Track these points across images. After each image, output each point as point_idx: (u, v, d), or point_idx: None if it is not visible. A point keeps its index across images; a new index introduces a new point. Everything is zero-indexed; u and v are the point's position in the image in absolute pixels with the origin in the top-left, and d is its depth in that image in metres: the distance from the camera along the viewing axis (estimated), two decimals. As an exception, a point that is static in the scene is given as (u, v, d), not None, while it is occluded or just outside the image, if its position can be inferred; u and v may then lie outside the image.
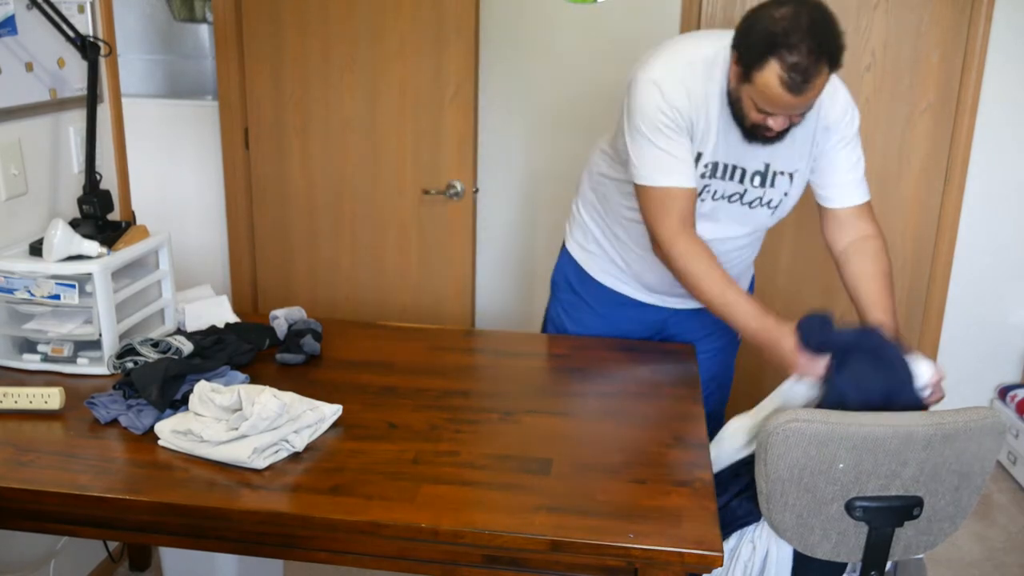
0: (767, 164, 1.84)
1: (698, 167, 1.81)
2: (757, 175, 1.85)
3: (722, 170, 1.84)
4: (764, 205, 1.89)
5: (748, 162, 1.83)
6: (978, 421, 1.44)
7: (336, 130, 3.19)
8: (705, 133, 1.79)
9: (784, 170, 1.86)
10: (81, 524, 1.47)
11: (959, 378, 3.28)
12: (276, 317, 1.99)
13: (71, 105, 2.14)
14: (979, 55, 2.94)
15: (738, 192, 1.86)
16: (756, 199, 1.88)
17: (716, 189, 1.85)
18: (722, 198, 1.87)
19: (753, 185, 1.86)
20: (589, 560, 1.33)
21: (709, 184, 1.84)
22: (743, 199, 1.88)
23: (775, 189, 1.87)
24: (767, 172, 1.85)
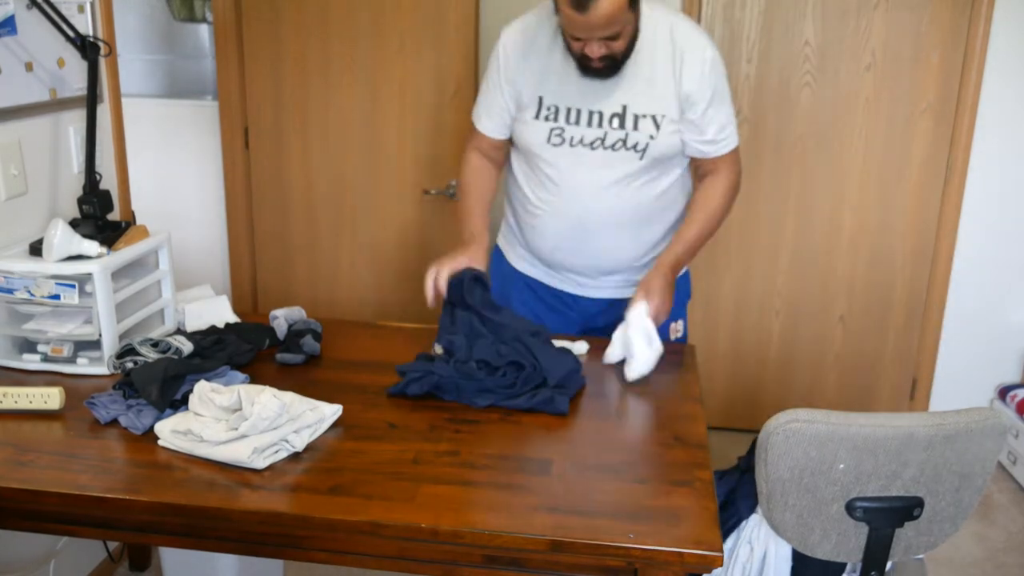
0: (624, 106, 1.87)
1: (541, 110, 1.90)
2: (615, 117, 1.87)
3: (574, 115, 1.88)
4: (630, 148, 1.88)
5: (604, 106, 1.87)
6: (979, 422, 1.44)
7: (336, 130, 3.19)
8: (543, 76, 1.88)
9: (646, 113, 1.87)
10: (81, 524, 1.47)
11: (959, 378, 3.28)
12: (276, 317, 1.99)
13: (71, 105, 2.14)
14: (979, 55, 2.94)
15: (599, 137, 1.88)
16: (618, 141, 1.88)
17: (572, 134, 1.89)
18: (583, 144, 1.89)
19: (612, 127, 1.88)
20: (589, 560, 1.33)
21: (563, 129, 1.89)
22: (605, 143, 1.89)
23: (639, 132, 1.87)
24: (625, 114, 1.87)
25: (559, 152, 1.91)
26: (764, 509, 1.53)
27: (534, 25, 1.92)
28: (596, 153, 1.89)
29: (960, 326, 3.22)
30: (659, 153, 1.89)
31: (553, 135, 1.90)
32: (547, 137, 1.91)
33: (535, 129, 1.93)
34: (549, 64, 1.89)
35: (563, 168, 1.92)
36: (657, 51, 1.85)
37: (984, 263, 3.15)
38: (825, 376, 3.34)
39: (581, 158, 1.90)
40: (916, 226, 3.15)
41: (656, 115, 1.87)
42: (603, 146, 1.89)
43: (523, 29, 1.94)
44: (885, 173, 3.11)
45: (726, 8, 3.02)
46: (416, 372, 1.72)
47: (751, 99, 3.09)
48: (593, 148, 1.89)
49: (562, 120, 1.89)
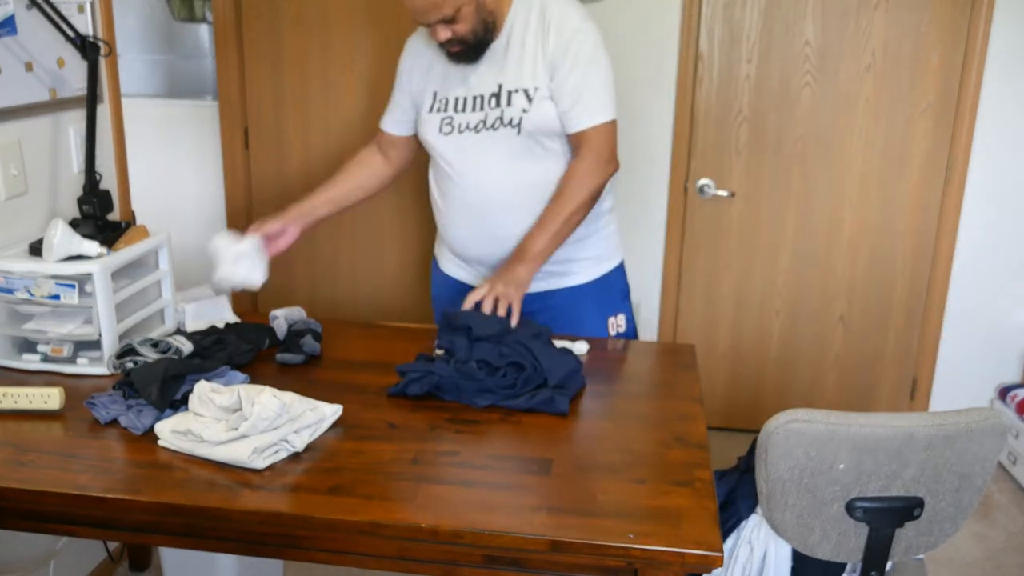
0: (500, 84, 1.92)
1: (434, 104, 1.99)
2: (493, 97, 1.93)
3: (460, 103, 1.96)
4: (507, 124, 1.92)
5: (483, 88, 1.93)
6: (979, 422, 1.44)
7: (336, 130, 3.19)
8: (434, 72, 1.99)
9: (517, 87, 1.90)
10: (81, 524, 1.47)
11: (959, 378, 3.28)
12: (276, 317, 1.99)
13: (71, 105, 2.14)
14: (979, 55, 2.94)
15: (481, 119, 1.94)
16: (496, 119, 1.93)
17: (460, 121, 1.96)
18: (468, 129, 1.95)
19: (491, 107, 1.93)
20: (589, 560, 1.33)
21: (452, 117, 1.97)
22: (486, 124, 1.94)
23: (512, 107, 1.91)
24: (500, 92, 1.92)
25: (450, 140, 1.98)
26: (764, 509, 1.54)
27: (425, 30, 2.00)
28: (480, 135, 1.94)
29: (960, 326, 3.22)
30: (534, 127, 1.91)
31: (444, 124, 1.98)
32: (439, 127, 1.99)
33: (429, 121, 2.01)
34: (435, 61, 1.99)
35: (456, 156, 1.98)
36: (529, 28, 1.90)
37: (984, 263, 3.15)
38: (825, 376, 3.34)
39: (469, 143, 1.95)
40: (916, 226, 3.15)
41: (528, 88, 1.90)
42: (485, 127, 1.93)
43: (416, 35, 2.06)
44: (885, 173, 3.11)
45: (726, 8, 3.02)
46: (416, 372, 1.72)
47: (751, 99, 3.09)
48: (477, 131, 1.94)
49: (451, 109, 1.97)
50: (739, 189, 3.17)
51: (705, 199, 3.20)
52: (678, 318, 3.34)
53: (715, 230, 3.23)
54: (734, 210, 3.20)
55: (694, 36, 3.04)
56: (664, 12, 3.03)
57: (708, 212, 3.22)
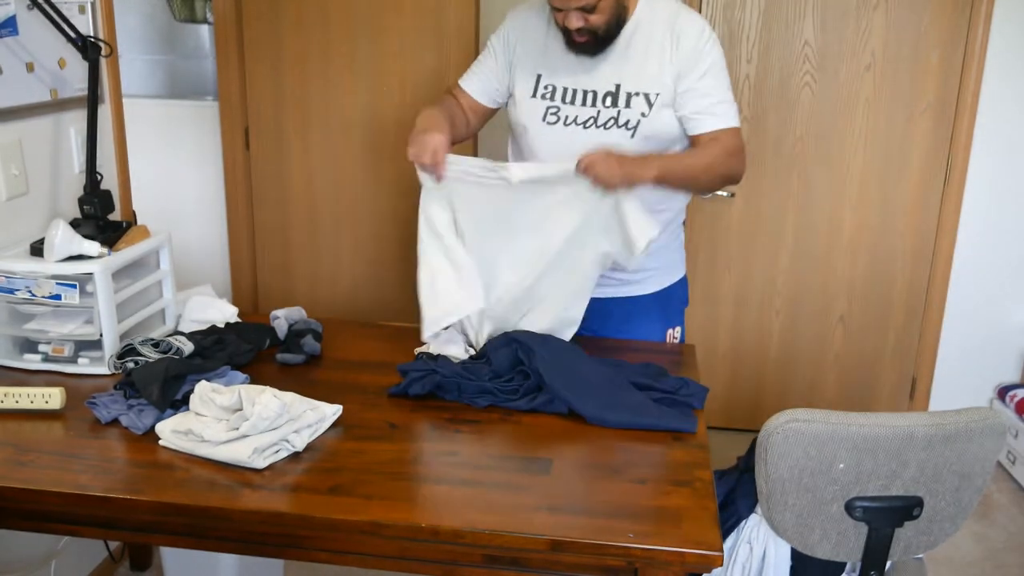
0: (618, 85, 1.87)
1: (538, 88, 1.92)
2: (608, 96, 1.87)
3: (570, 94, 1.89)
4: (621, 126, 1.87)
5: (599, 85, 1.88)
6: (979, 422, 1.44)
7: (336, 130, 3.20)
8: (542, 55, 1.91)
9: (638, 91, 1.86)
10: (82, 524, 1.47)
11: (959, 378, 3.28)
12: (276, 317, 1.99)
13: (72, 105, 2.14)
14: (979, 55, 2.94)
15: (592, 116, 1.88)
16: (610, 119, 1.87)
17: (567, 114, 1.90)
18: (575, 123, 1.89)
19: (605, 106, 1.88)
20: (589, 560, 1.33)
21: (559, 108, 1.90)
22: (597, 122, 1.88)
23: (631, 109, 1.86)
24: (618, 93, 1.87)
25: (554, 131, 1.91)
26: (764, 509, 1.54)
27: (538, 7, 1.94)
28: (588, 132, 1.88)
29: (960, 326, 3.22)
30: (651, 132, 1.87)
31: (549, 113, 1.91)
32: (543, 115, 1.91)
33: (531, 107, 1.93)
34: (548, 44, 1.91)
35: (558, 149, 1.88)
36: (655, 31, 1.86)
37: (984, 263, 3.15)
38: (825, 376, 3.34)
39: (575, 138, 1.88)
40: (916, 226, 3.15)
41: (649, 93, 1.86)
42: (595, 125, 1.88)
43: (527, 9, 1.97)
44: (885, 173, 3.11)
45: (726, 8, 3.02)
46: (418, 372, 1.72)
47: (751, 99, 3.09)
48: (586, 128, 1.89)
49: (558, 99, 1.90)
50: (739, 189, 3.17)
51: (705, 199, 3.20)
52: (678, 318, 3.34)
53: (715, 230, 3.23)
54: (734, 210, 3.20)
55: (694, 36, 3.04)
56: (664, 12, 3.03)
57: (708, 212, 3.22)
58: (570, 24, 1.78)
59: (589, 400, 1.64)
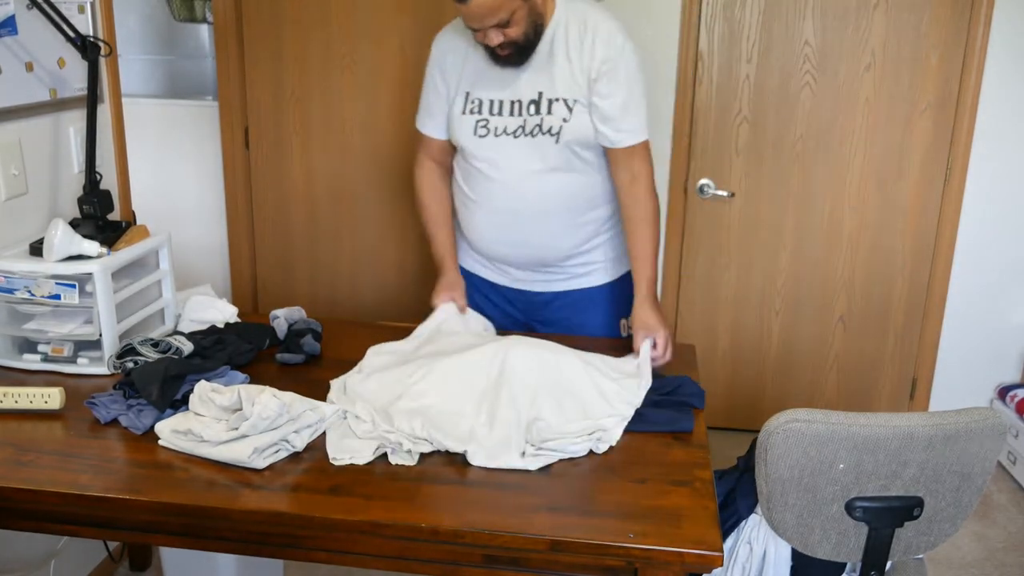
0: (540, 92, 1.90)
1: (467, 104, 1.95)
2: (532, 103, 1.91)
3: (497, 105, 1.93)
4: (546, 133, 1.91)
5: (523, 93, 1.91)
6: (979, 422, 1.44)
7: (336, 130, 3.20)
8: (467, 71, 1.94)
9: (559, 96, 1.89)
10: (81, 524, 1.47)
11: (959, 378, 3.29)
12: (276, 317, 1.99)
13: (71, 105, 2.14)
14: (979, 55, 2.94)
15: (520, 125, 1.92)
16: (535, 127, 1.91)
17: (496, 124, 1.93)
18: (506, 134, 1.93)
19: (530, 114, 1.91)
20: (589, 560, 1.33)
21: (488, 120, 1.93)
22: (525, 130, 1.92)
23: (552, 116, 1.90)
24: (541, 99, 1.90)
25: (485, 143, 1.94)
26: (764, 509, 1.54)
27: (460, 27, 1.96)
28: (519, 141, 1.92)
29: (960, 326, 3.22)
30: (573, 136, 1.90)
31: (479, 127, 1.94)
32: (473, 129, 1.95)
33: (463, 123, 1.96)
34: (472, 60, 1.94)
35: (491, 159, 1.94)
36: (570, 36, 1.88)
37: (984, 263, 3.15)
38: (825, 376, 3.34)
39: (506, 148, 1.93)
40: (916, 226, 3.15)
41: (567, 99, 1.89)
42: (524, 133, 1.91)
43: (451, 29, 2.00)
44: (885, 173, 3.11)
45: (726, 8, 3.02)
46: None
47: (751, 99, 3.09)
48: (516, 137, 1.92)
49: (486, 112, 1.94)
50: (739, 189, 3.17)
51: (705, 199, 3.20)
52: (678, 318, 3.34)
53: (715, 230, 3.23)
54: (734, 210, 3.20)
55: (694, 36, 3.04)
56: (664, 12, 3.03)
57: (708, 212, 3.22)
58: (490, 41, 1.81)
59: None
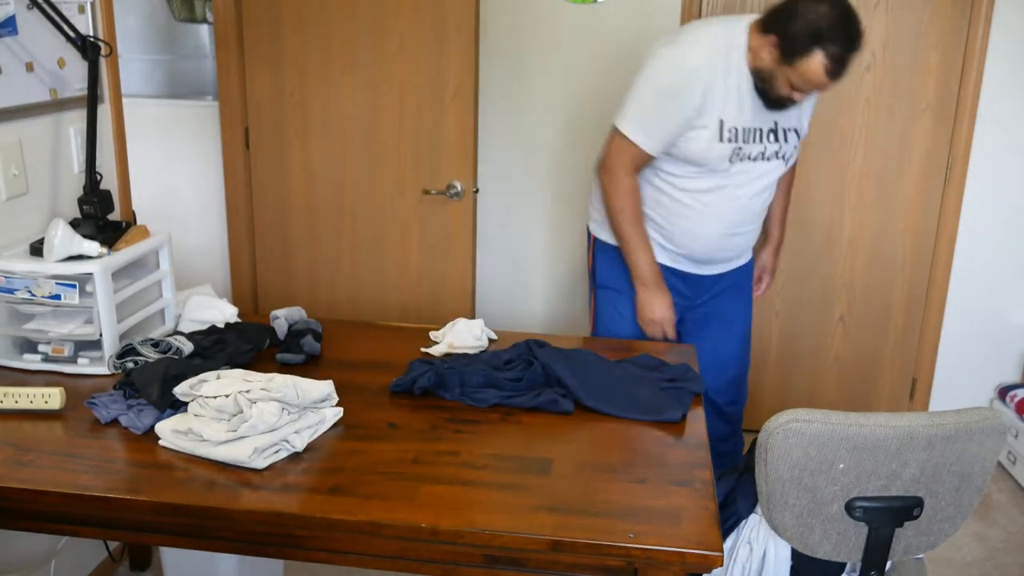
0: (776, 122, 2.14)
1: (724, 132, 2.08)
2: (771, 132, 2.14)
3: (748, 134, 2.11)
4: (780, 158, 2.18)
5: (761, 123, 2.12)
6: (979, 422, 1.44)
7: (336, 130, 3.19)
8: (724, 101, 2.06)
9: (790, 127, 2.18)
10: (81, 524, 1.47)
11: (959, 378, 3.28)
12: (276, 317, 1.99)
13: (71, 105, 2.14)
14: (979, 55, 2.93)
15: (761, 151, 2.14)
16: (773, 153, 2.16)
17: (748, 151, 2.13)
18: (749, 159, 2.14)
19: (769, 141, 2.14)
20: (589, 560, 1.33)
21: (741, 148, 2.11)
22: (765, 155, 2.15)
23: (787, 144, 2.18)
24: (777, 129, 2.15)
25: (736, 167, 2.14)
26: (764, 509, 1.54)
27: (723, 50, 2.05)
28: (757, 164, 2.15)
29: (960, 326, 3.22)
30: (793, 161, 2.25)
31: (735, 155, 2.12)
32: (730, 156, 2.11)
33: (719, 150, 2.10)
34: (730, 87, 2.06)
35: (735, 179, 2.15)
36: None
37: (984, 263, 3.15)
38: (825, 376, 3.34)
39: (750, 170, 2.15)
40: (916, 226, 3.15)
41: (798, 128, 2.20)
42: (763, 158, 2.15)
43: (711, 54, 2.06)
44: (885, 173, 3.11)
45: (726, 8, 3.02)
46: (420, 369, 1.73)
47: (751, 99, 3.09)
48: (754, 161, 2.15)
49: (740, 140, 2.11)
50: (739, 189, 3.17)
51: (705, 199, 3.20)
52: (678, 318, 3.34)
53: (715, 230, 3.23)
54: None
55: (694, 36, 3.04)
56: (664, 12, 3.03)
57: (708, 212, 3.21)
58: (801, 99, 2.04)
59: (592, 389, 1.69)
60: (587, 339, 2.10)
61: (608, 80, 3.10)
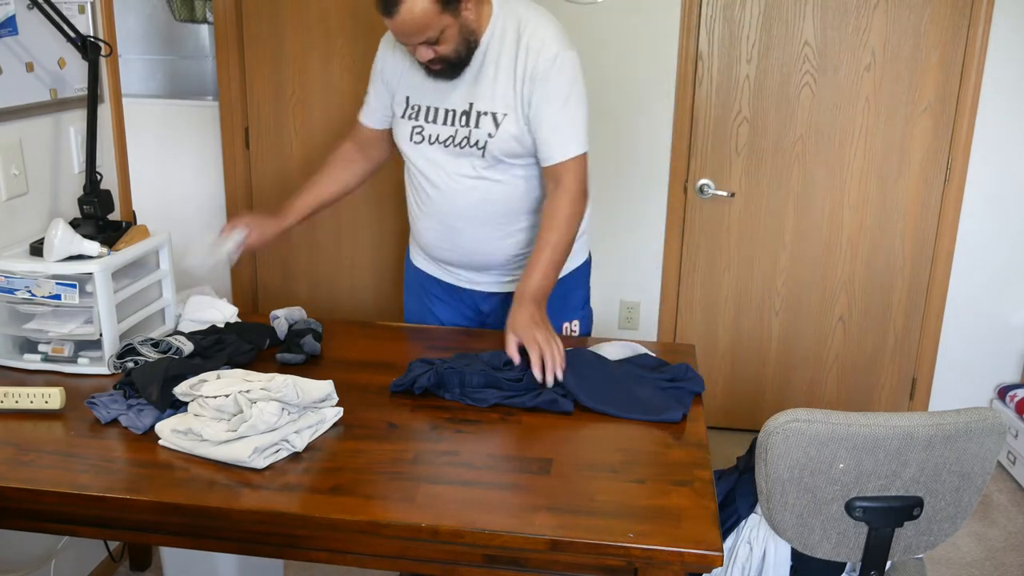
0: (471, 103, 1.90)
1: (407, 109, 1.97)
2: (464, 115, 1.91)
3: (432, 113, 1.93)
4: (472, 145, 1.90)
5: (456, 103, 1.91)
6: (979, 422, 1.44)
7: (336, 130, 3.20)
8: (404, 77, 1.96)
9: (487, 110, 1.88)
10: (81, 524, 1.47)
11: (959, 378, 3.29)
12: (276, 317, 1.99)
13: (72, 105, 2.14)
14: (979, 55, 2.94)
15: (451, 135, 1.92)
16: (464, 139, 1.91)
17: (431, 132, 1.94)
18: (439, 143, 1.94)
19: (461, 125, 1.91)
20: (589, 560, 1.33)
21: (423, 127, 1.95)
22: (455, 140, 1.92)
23: (479, 129, 1.89)
24: (471, 111, 1.90)
25: (421, 150, 1.97)
26: (764, 509, 1.54)
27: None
28: (449, 151, 1.93)
29: (960, 326, 3.22)
30: (499, 151, 1.89)
31: (414, 133, 1.96)
32: (409, 135, 1.97)
33: (401, 127, 1.99)
34: (408, 67, 1.95)
35: (426, 166, 1.97)
36: (504, 48, 1.86)
37: (984, 263, 3.15)
38: (825, 376, 3.34)
39: (438, 156, 1.95)
40: (916, 226, 3.15)
41: (496, 113, 1.87)
42: (454, 143, 1.92)
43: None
44: (885, 173, 3.11)
45: (726, 8, 3.02)
46: (420, 369, 1.73)
47: (751, 99, 3.09)
48: (446, 146, 1.93)
49: (422, 118, 1.95)
50: (739, 189, 3.17)
51: (705, 199, 3.20)
52: (678, 318, 3.34)
53: (715, 230, 3.23)
54: (734, 210, 3.20)
55: (694, 36, 3.04)
56: (664, 12, 3.03)
57: (708, 212, 3.22)
58: (420, 57, 1.81)
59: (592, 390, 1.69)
60: (586, 339, 2.09)
61: (608, 79, 3.10)
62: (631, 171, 3.19)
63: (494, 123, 1.88)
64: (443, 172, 1.95)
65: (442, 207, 1.99)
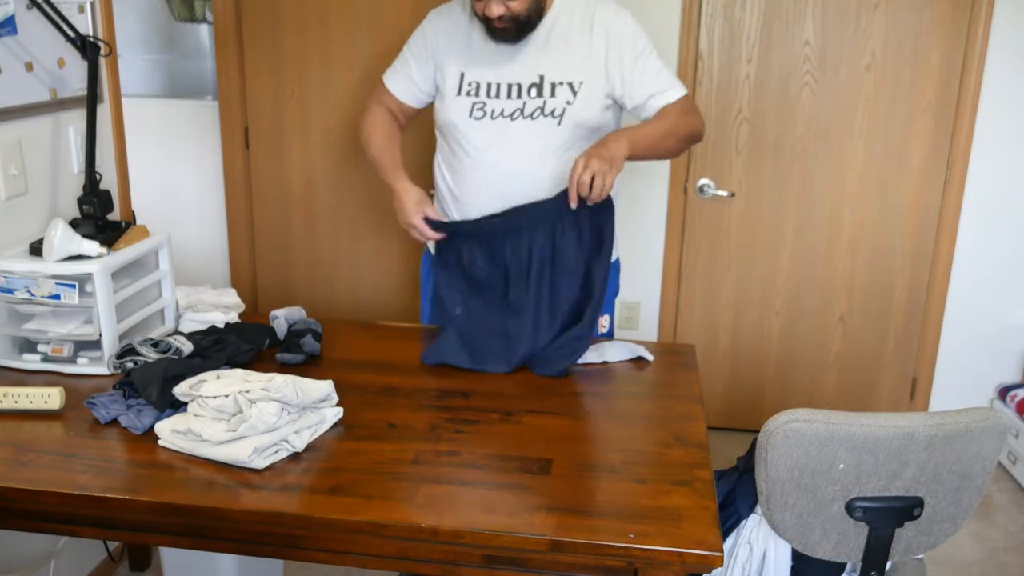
0: (542, 76, 1.94)
1: (463, 86, 1.98)
2: (533, 87, 1.94)
3: (495, 89, 1.95)
4: (548, 115, 1.93)
5: (523, 77, 1.94)
6: (979, 422, 1.44)
7: (336, 130, 3.19)
8: (465, 53, 1.98)
9: (562, 80, 1.93)
10: (81, 524, 1.47)
11: (959, 378, 3.28)
12: (276, 317, 1.99)
13: (71, 105, 2.14)
14: (979, 55, 2.94)
15: (518, 108, 1.94)
16: (537, 109, 1.93)
17: (493, 107, 1.96)
18: (503, 116, 1.95)
19: (531, 96, 1.94)
20: (589, 560, 1.33)
21: (484, 103, 1.96)
22: (524, 112, 1.94)
23: (556, 99, 1.93)
24: (543, 83, 1.94)
25: (481, 126, 1.96)
26: (764, 509, 1.54)
27: (458, 6, 2.02)
28: (516, 124, 1.94)
29: (960, 326, 3.22)
30: (579, 119, 1.93)
31: (475, 109, 1.96)
32: (469, 112, 1.97)
33: (457, 105, 1.98)
34: (471, 42, 1.98)
35: (486, 142, 1.96)
36: (573, 24, 1.93)
37: (984, 263, 3.15)
38: (825, 376, 3.34)
39: (503, 131, 1.95)
40: (916, 226, 3.15)
41: (573, 82, 1.93)
42: (522, 116, 1.94)
43: (447, 9, 2.05)
44: (885, 173, 3.11)
45: (726, 8, 3.02)
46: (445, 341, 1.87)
47: (751, 99, 3.09)
48: (513, 119, 1.94)
49: (483, 95, 1.96)
50: (739, 189, 3.17)
51: (705, 199, 3.20)
52: (678, 318, 3.34)
53: (715, 230, 3.23)
54: (734, 210, 3.20)
55: (694, 36, 3.04)
56: (664, 12, 3.03)
57: (708, 212, 3.22)
58: (491, 12, 1.83)
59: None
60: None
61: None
62: (631, 170, 3.18)
63: (571, 91, 1.93)
64: (509, 146, 1.95)
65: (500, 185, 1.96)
